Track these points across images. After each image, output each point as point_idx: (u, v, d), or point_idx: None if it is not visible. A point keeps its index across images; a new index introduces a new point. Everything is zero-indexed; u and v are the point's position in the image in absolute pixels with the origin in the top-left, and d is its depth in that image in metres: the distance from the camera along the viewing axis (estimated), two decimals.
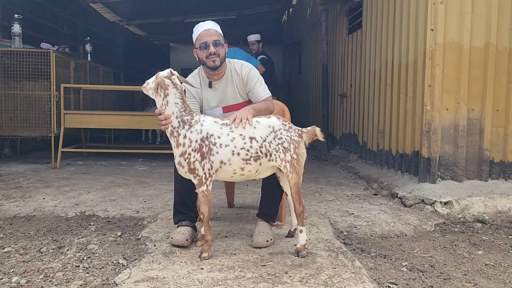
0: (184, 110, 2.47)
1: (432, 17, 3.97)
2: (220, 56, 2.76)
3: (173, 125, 2.45)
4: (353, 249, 2.82)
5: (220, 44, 2.76)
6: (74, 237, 2.90)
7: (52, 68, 5.56)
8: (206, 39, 2.75)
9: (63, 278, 2.26)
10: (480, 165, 4.06)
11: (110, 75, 8.26)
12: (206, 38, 2.75)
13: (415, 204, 3.75)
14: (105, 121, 5.86)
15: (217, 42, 2.75)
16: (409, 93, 4.37)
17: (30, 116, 5.72)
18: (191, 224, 2.76)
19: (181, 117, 2.45)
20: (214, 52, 2.74)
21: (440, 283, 2.34)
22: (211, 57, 2.75)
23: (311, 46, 9.38)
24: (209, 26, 2.79)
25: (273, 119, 2.55)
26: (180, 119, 2.45)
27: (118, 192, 4.20)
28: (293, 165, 2.49)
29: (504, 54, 4.03)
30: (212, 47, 2.74)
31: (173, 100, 2.45)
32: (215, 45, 2.74)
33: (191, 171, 2.44)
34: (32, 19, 7.24)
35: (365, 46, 5.72)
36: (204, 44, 2.75)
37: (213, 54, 2.74)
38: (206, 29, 2.78)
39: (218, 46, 2.75)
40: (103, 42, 10.38)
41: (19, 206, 3.63)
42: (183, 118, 2.45)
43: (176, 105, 2.46)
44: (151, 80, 2.51)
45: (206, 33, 2.77)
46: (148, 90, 2.52)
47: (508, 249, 2.93)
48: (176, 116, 2.45)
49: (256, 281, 2.16)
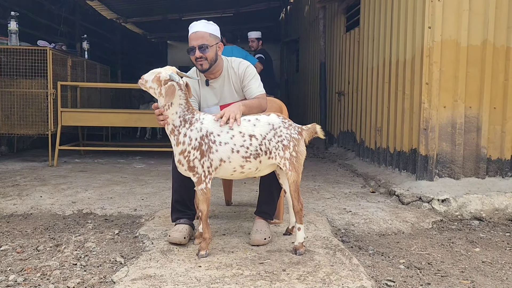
0: (187, 110, 2.46)
1: (430, 15, 3.97)
2: (208, 59, 2.72)
3: (175, 124, 2.43)
4: (351, 246, 2.83)
5: (206, 47, 2.70)
6: (72, 235, 2.89)
7: (49, 66, 5.54)
8: (192, 43, 2.73)
9: (61, 276, 2.26)
10: (478, 162, 4.07)
11: (107, 73, 8.24)
12: (192, 42, 2.73)
13: (413, 202, 3.75)
14: (103, 119, 5.85)
15: (203, 45, 2.70)
16: (406, 91, 4.38)
17: (27, 114, 5.70)
18: (189, 222, 2.76)
19: (183, 116, 2.44)
20: (200, 56, 2.71)
21: (437, 280, 2.34)
22: (198, 61, 2.73)
23: (309, 44, 9.37)
24: (198, 28, 2.74)
25: (273, 116, 2.54)
26: (182, 118, 2.43)
27: (115, 190, 4.19)
28: (292, 163, 2.49)
29: (502, 52, 4.04)
30: (198, 52, 2.70)
31: (178, 101, 2.43)
32: (201, 49, 2.70)
33: (191, 169, 2.43)
34: (28, 17, 7.21)
35: (363, 44, 5.72)
36: (190, 48, 2.74)
37: (199, 58, 2.72)
38: (194, 32, 2.74)
39: (205, 50, 2.70)
40: (100, 40, 10.35)
41: (16, 204, 3.62)
42: (185, 117, 2.44)
43: (180, 106, 2.44)
44: (150, 77, 2.46)
45: (193, 36, 2.74)
46: (148, 88, 2.49)
47: (505, 246, 2.94)
48: (179, 115, 2.43)
49: (254, 278, 2.16)
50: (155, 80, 2.44)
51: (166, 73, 2.44)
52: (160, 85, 2.43)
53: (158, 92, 2.44)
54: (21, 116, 5.69)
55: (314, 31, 8.68)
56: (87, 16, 9.69)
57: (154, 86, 2.45)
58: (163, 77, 2.42)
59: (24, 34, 6.23)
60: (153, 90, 2.46)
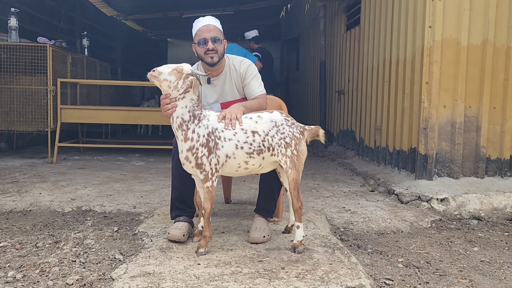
0: (197, 105, 2.45)
1: (430, 14, 3.96)
2: (218, 52, 2.75)
3: (184, 119, 2.41)
4: (350, 245, 2.83)
5: (218, 40, 2.74)
6: (71, 232, 2.89)
7: (48, 63, 5.53)
8: (205, 35, 2.73)
9: (60, 273, 2.26)
10: (477, 162, 4.07)
11: (107, 70, 8.23)
12: (205, 33, 2.74)
13: (412, 201, 3.76)
14: (102, 116, 5.84)
15: (216, 38, 2.73)
16: (406, 90, 4.37)
17: (26, 111, 5.68)
18: (188, 220, 2.76)
19: (193, 111, 2.43)
20: (213, 48, 2.72)
21: (435, 279, 2.35)
22: (209, 53, 2.73)
23: (309, 42, 9.36)
24: (209, 21, 2.77)
25: (276, 114, 2.55)
26: (191, 113, 2.42)
27: (115, 187, 4.19)
28: (293, 161, 2.49)
29: (502, 52, 4.04)
30: (211, 43, 2.72)
31: (190, 96, 2.43)
32: (214, 41, 2.73)
33: (198, 166, 2.42)
34: (28, 13, 7.20)
35: (363, 43, 5.72)
36: (202, 40, 2.74)
37: (211, 50, 2.73)
38: (206, 25, 2.76)
39: (217, 42, 2.73)
40: (100, 37, 10.33)
41: (15, 201, 3.62)
42: (195, 113, 2.43)
43: (192, 100, 2.43)
44: (166, 70, 2.38)
45: (205, 28, 2.75)
46: (161, 81, 2.37)
47: (503, 245, 2.94)
48: (188, 110, 2.42)
49: (252, 276, 2.16)
50: (174, 73, 2.37)
51: (188, 67, 2.43)
52: (179, 78, 2.37)
53: (174, 85, 2.37)
54: (20, 112, 5.68)
55: (314, 29, 8.67)
56: (87, 13, 9.67)
57: (171, 79, 2.37)
58: (186, 71, 2.40)
59: (24, 31, 6.22)
60: (167, 83, 2.37)
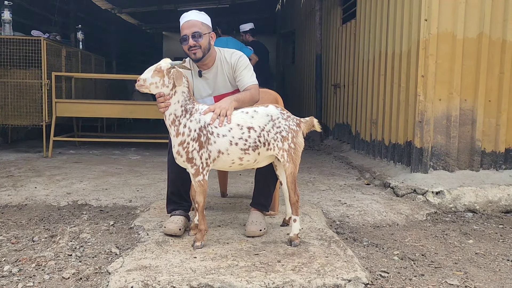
0: (188, 99, 2.44)
1: (426, 7, 3.96)
2: (202, 47, 2.69)
3: (176, 114, 2.41)
4: (346, 238, 2.84)
5: (199, 35, 2.68)
6: (67, 226, 2.89)
7: (43, 56, 5.49)
8: (185, 32, 2.69)
9: (56, 266, 2.26)
10: (472, 155, 4.09)
11: (102, 64, 8.18)
12: (185, 30, 2.70)
13: (407, 194, 3.77)
14: (97, 110, 5.82)
15: (196, 33, 2.67)
16: (402, 83, 4.38)
17: (21, 105, 5.65)
18: (184, 214, 2.76)
19: (185, 105, 2.42)
20: (194, 45, 2.67)
21: (431, 271, 2.36)
22: (192, 49, 2.69)
23: (305, 36, 9.34)
24: (190, 17, 2.72)
25: (271, 107, 2.54)
26: (183, 108, 2.42)
27: (110, 181, 4.19)
28: (290, 155, 2.49)
29: (497, 45, 4.04)
30: (191, 40, 2.67)
31: (181, 89, 2.42)
32: (194, 36, 2.67)
33: (189, 161, 2.42)
34: (22, 6, 7.14)
35: (359, 36, 5.71)
36: (183, 38, 2.71)
37: (193, 47, 2.68)
38: (187, 21, 2.71)
39: (198, 37, 2.67)
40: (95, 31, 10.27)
41: (11, 195, 3.60)
42: (186, 107, 2.42)
43: (183, 94, 2.42)
44: (148, 74, 2.37)
45: (186, 25, 2.71)
46: (148, 87, 2.38)
47: (498, 238, 2.96)
48: (181, 105, 2.41)
49: (249, 269, 2.17)
50: (156, 73, 2.37)
51: (166, 62, 2.42)
52: (163, 76, 2.37)
53: (161, 84, 2.37)
54: (15, 106, 5.65)
55: (310, 23, 8.64)
56: (81, 6, 9.61)
57: (155, 80, 2.37)
58: (165, 67, 2.39)
59: (18, 24, 6.17)
60: (154, 85, 2.37)
